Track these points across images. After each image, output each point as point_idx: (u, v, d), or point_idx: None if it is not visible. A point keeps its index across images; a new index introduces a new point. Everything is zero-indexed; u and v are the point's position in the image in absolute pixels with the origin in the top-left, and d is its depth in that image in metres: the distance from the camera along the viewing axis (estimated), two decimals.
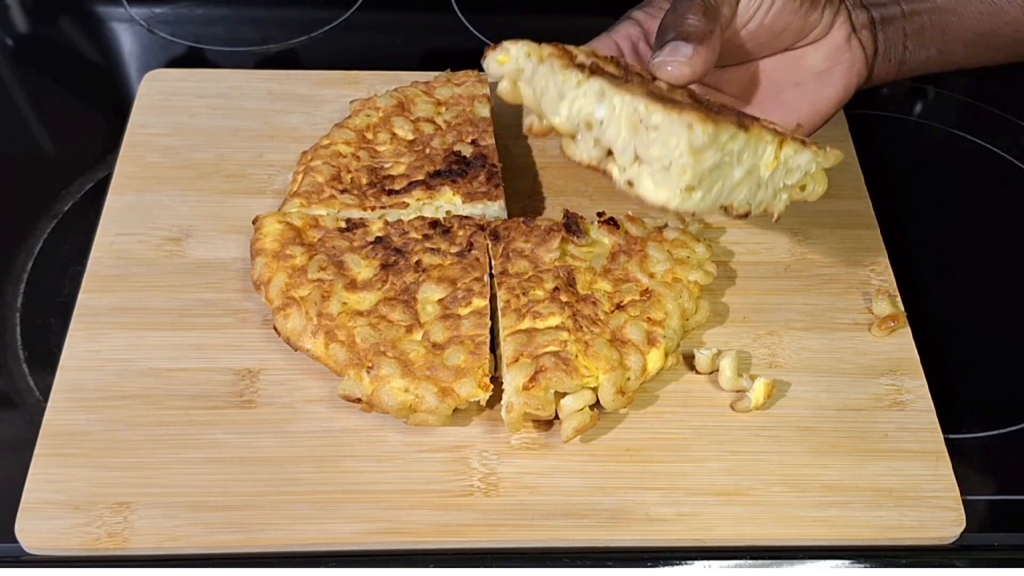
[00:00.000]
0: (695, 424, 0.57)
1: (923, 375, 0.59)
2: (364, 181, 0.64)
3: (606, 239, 0.61)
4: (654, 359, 0.56)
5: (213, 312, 0.60)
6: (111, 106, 0.75)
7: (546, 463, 0.55)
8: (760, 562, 0.52)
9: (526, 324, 0.56)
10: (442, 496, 0.54)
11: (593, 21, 0.86)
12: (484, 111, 0.67)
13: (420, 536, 0.52)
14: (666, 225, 0.63)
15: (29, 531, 0.51)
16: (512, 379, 0.54)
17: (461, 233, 0.61)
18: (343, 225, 0.61)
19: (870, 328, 0.61)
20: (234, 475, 0.54)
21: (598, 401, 0.55)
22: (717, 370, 0.58)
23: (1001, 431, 0.60)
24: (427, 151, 0.65)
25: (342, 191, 0.63)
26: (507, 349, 0.55)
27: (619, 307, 0.58)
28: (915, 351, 0.60)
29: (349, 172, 0.64)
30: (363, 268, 0.59)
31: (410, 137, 0.66)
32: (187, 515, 0.52)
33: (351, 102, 0.68)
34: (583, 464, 0.55)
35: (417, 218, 0.62)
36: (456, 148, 0.65)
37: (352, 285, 0.58)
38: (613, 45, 0.59)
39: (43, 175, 0.71)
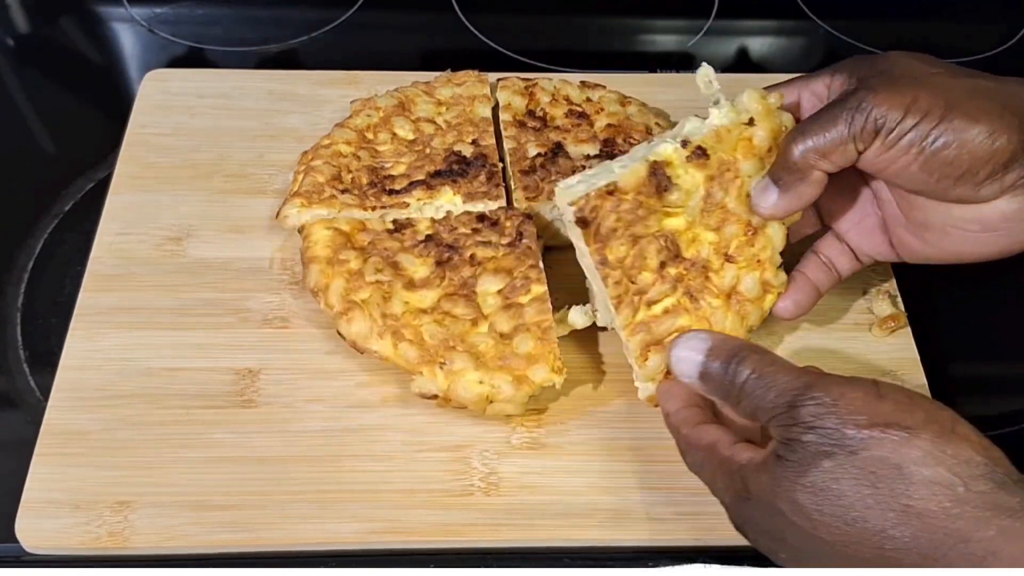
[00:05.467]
0: None
1: (923, 375, 0.59)
2: (365, 181, 0.64)
3: (697, 173, 0.55)
4: (770, 303, 0.56)
5: (213, 312, 0.60)
6: (111, 106, 0.75)
7: (547, 463, 0.55)
8: (760, 562, 0.52)
9: (642, 315, 0.54)
10: (442, 496, 0.54)
11: (593, 21, 0.86)
12: (484, 111, 0.68)
13: (420, 536, 0.52)
14: (752, 119, 0.55)
15: (29, 531, 0.51)
16: (647, 375, 0.54)
17: (508, 224, 0.61)
18: (390, 226, 0.61)
19: (870, 328, 0.61)
20: (234, 475, 0.54)
21: None
22: None
23: (1001, 431, 0.60)
24: (427, 151, 0.65)
25: (343, 191, 0.63)
26: (632, 348, 0.54)
27: (728, 259, 0.56)
28: (915, 351, 0.60)
29: (350, 172, 0.64)
30: (418, 267, 0.59)
31: (411, 137, 0.66)
32: (187, 515, 0.52)
33: (352, 102, 0.68)
34: (583, 464, 0.55)
35: (464, 213, 0.62)
36: (456, 148, 0.65)
37: (410, 284, 0.58)
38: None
39: (43, 175, 0.71)
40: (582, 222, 0.53)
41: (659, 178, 0.54)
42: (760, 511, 0.45)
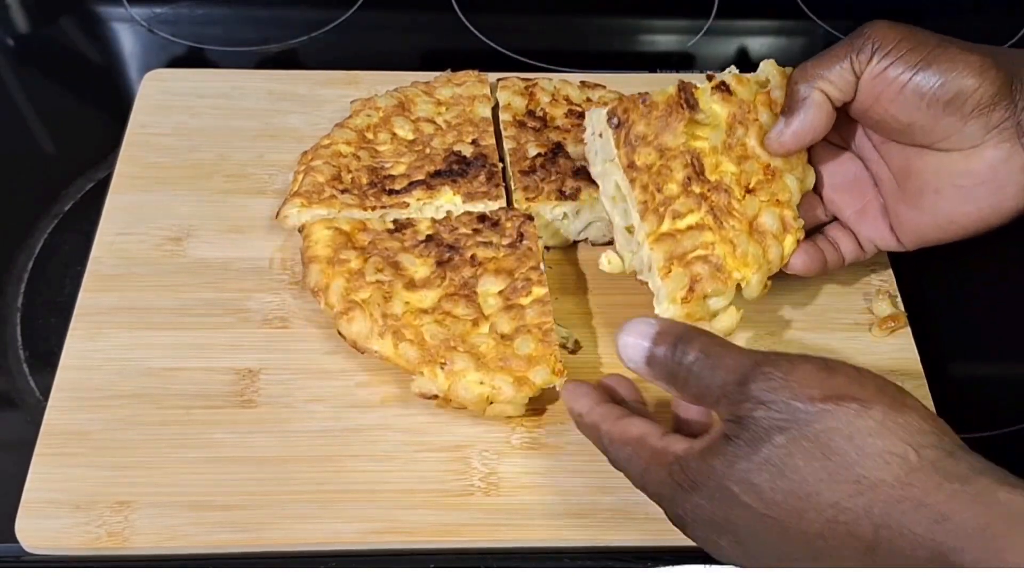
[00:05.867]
0: None
1: (923, 375, 0.59)
2: (364, 181, 0.64)
3: (720, 108, 0.58)
4: (789, 246, 0.57)
5: (213, 312, 0.60)
6: (111, 106, 0.75)
7: (546, 463, 0.55)
8: None
9: (667, 226, 0.56)
10: (442, 496, 0.54)
11: (593, 21, 0.86)
12: (484, 111, 0.68)
13: (420, 535, 0.52)
14: (768, 81, 0.59)
15: (29, 531, 0.51)
16: (669, 292, 0.55)
17: (509, 224, 0.61)
18: (391, 226, 0.61)
19: (870, 328, 0.61)
20: (234, 475, 0.54)
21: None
22: None
23: (1001, 431, 0.60)
24: (427, 151, 0.65)
25: (342, 191, 0.63)
26: (656, 258, 0.55)
27: (749, 191, 0.57)
28: (915, 351, 0.60)
29: (349, 172, 0.64)
30: (419, 267, 0.59)
31: (410, 137, 0.66)
32: (187, 515, 0.52)
33: (351, 102, 0.68)
34: (583, 464, 0.55)
35: (464, 213, 0.62)
36: (456, 148, 0.65)
37: (411, 284, 0.58)
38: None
39: (43, 175, 0.71)
40: (614, 123, 0.57)
41: (687, 96, 0.57)
42: (705, 498, 0.44)
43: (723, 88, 0.58)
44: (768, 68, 0.59)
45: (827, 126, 0.55)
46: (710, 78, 0.58)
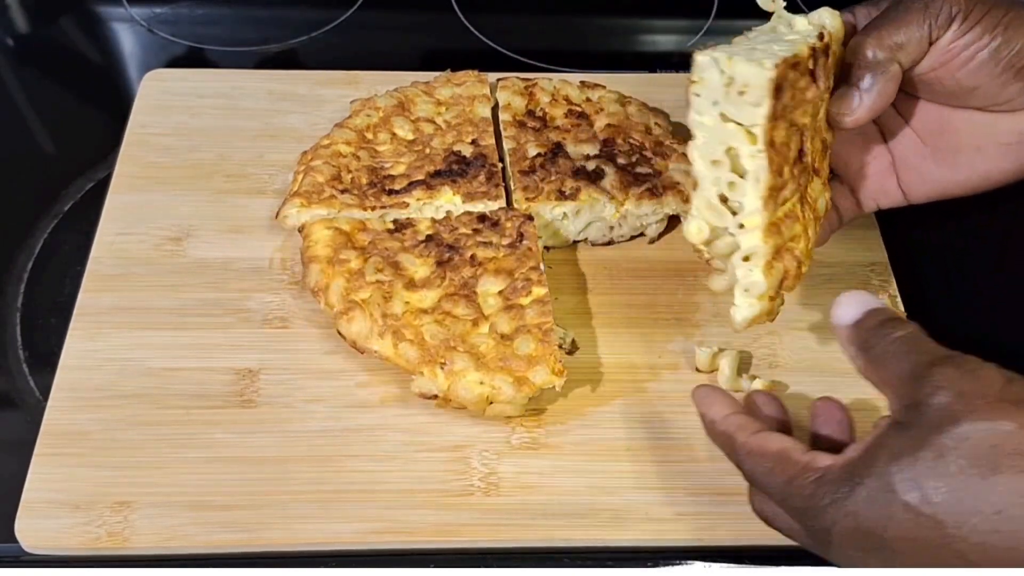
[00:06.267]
0: (695, 424, 0.56)
1: None
2: (364, 181, 0.64)
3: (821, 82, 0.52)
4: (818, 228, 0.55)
5: (213, 312, 0.60)
6: (111, 106, 0.75)
7: (546, 463, 0.55)
8: (760, 562, 0.52)
9: (774, 214, 0.51)
10: (442, 495, 0.54)
11: (593, 21, 0.86)
12: (484, 111, 0.68)
13: (420, 536, 0.52)
14: (822, 36, 0.52)
15: (29, 531, 0.52)
16: (766, 289, 0.52)
17: (509, 225, 0.61)
18: (391, 226, 0.61)
19: None
20: (234, 475, 0.54)
21: None
22: (717, 368, 0.58)
23: None
24: (427, 151, 0.65)
25: (342, 191, 0.63)
26: (765, 252, 0.51)
27: (815, 172, 0.54)
28: None
29: (349, 172, 0.64)
30: (419, 267, 0.59)
31: (410, 137, 0.66)
32: (187, 515, 0.52)
33: (351, 102, 0.68)
34: (583, 464, 0.55)
35: (464, 213, 0.62)
36: (456, 148, 0.65)
37: (411, 284, 0.58)
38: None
39: (43, 175, 0.71)
40: (778, 90, 0.48)
41: (816, 63, 0.51)
42: (862, 502, 0.41)
43: (825, 52, 0.51)
44: (835, 20, 0.52)
45: (896, 91, 0.52)
46: (821, 37, 0.51)
